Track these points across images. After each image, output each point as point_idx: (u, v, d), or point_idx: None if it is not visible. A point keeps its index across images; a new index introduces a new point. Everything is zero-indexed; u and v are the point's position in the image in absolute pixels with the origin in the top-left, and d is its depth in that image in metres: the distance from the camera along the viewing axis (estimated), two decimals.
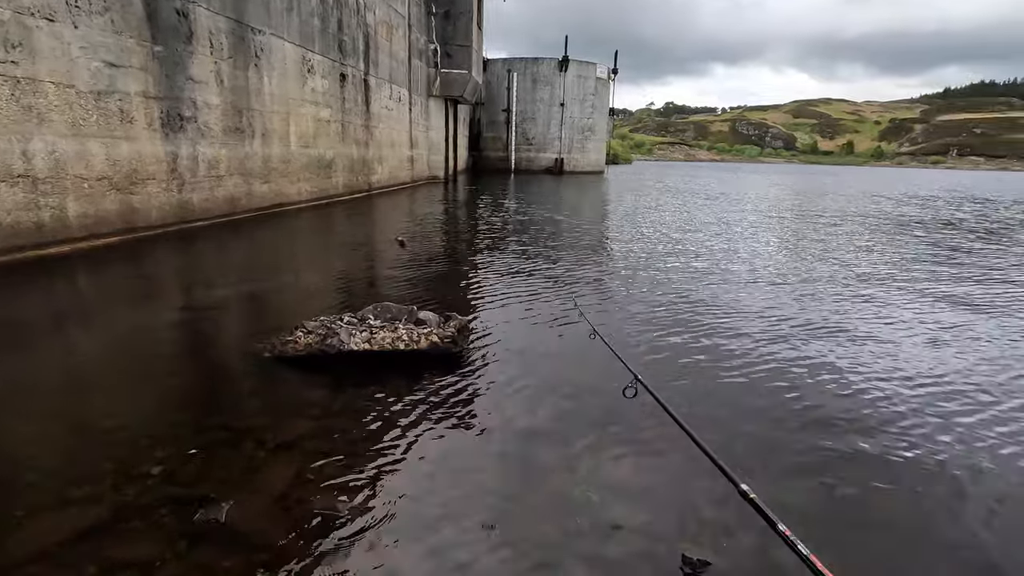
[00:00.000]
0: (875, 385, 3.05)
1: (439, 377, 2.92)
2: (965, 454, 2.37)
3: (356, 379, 2.86)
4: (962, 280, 5.91)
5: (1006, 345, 3.82)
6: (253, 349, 3.14)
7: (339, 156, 11.79)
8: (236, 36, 7.95)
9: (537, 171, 31.16)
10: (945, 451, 2.39)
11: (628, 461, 2.23)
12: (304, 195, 10.38)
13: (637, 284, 5.25)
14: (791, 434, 2.49)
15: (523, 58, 31.05)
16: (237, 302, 4.38)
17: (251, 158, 8.60)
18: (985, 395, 2.97)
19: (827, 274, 5.99)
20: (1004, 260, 7.29)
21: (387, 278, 5.36)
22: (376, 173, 14.14)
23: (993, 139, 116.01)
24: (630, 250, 7.19)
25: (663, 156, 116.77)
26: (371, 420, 2.46)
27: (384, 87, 14.30)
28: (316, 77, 10.45)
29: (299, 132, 9.99)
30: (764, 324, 4.09)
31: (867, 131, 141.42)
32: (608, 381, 2.93)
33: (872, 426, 2.59)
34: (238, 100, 8.14)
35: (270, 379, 2.85)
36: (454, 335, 3.13)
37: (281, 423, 2.40)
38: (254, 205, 8.79)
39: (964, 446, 2.43)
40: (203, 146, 7.47)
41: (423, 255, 6.49)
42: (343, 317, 3.22)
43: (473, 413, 2.57)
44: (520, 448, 2.29)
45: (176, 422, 2.39)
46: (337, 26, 11.19)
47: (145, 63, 6.34)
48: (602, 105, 33.13)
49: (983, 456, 2.35)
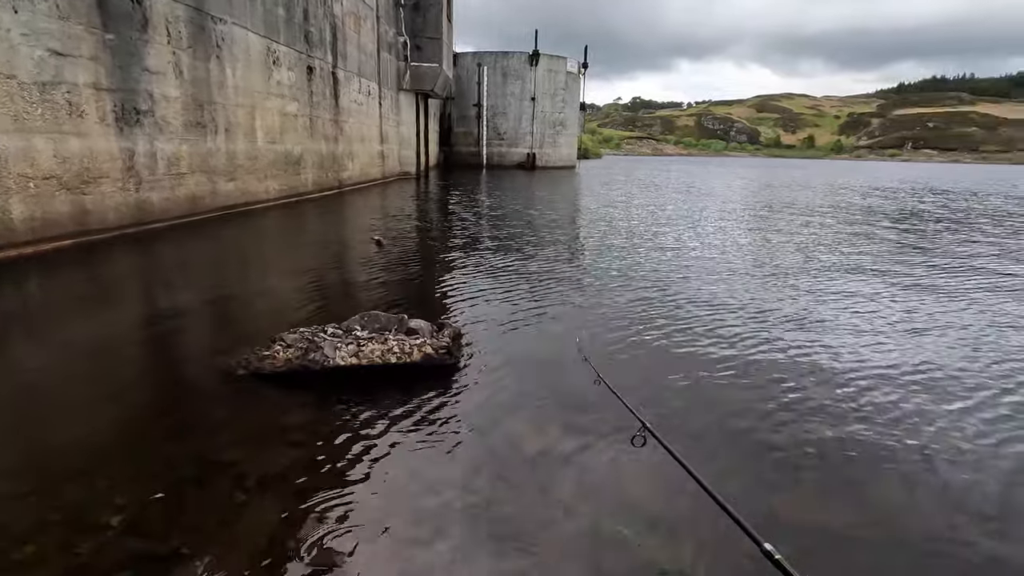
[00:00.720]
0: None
1: (436, 393, 2.67)
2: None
3: (344, 398, 2.58)
4: (936, 269, 5.92)
5: (985, 333, 3.77)
6: (225, 366, 2.83)
7: (308, 152, 11.32)
8: (196, 25, 7.47)
9: (509, 166, 30.88)
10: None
11: (636, 503, 2.02)
12: (272, 193, 9.92)
13: (619, 284, 5.07)
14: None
15: (493, 52, 30.66)
16: (204, 312, 4.03)
17: (215, 154, 8.13)
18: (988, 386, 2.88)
19: (798, 266, 5.92)
20: (972, 249, 7.39)
21: (366, 281, 5.06)
22: (347, 169, 13.68)
23: (945, 132, 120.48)
24: (609, 245, 7.02)
25: (631, 150, 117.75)
26: (364, 447, 2.20)
27: (353, 80, 13.83)
28: (282, 69, 9.98)
29: (265, 127, 9.52)
30: (753, 324, 3.95)
31: (827, 125, 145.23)
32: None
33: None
34: (199, 93, 7.66)
35: (246, 401, 2.55)
36: (449, 345, 2.88)
37: (262, 454, 2.12)
38: (219, 204, 8.32)
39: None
40: (162, 142, 6.99)
41: (402, 255, 6.19)
42: (326, 328, 2.94)
43: (478, 437, 2.33)
44: (534, 475, 2.06)
45: (139, 457, 2.08)
46: (303, 16, 10.71)
47: (96, 52, 5.86)
48: (573, 100, 32.99)
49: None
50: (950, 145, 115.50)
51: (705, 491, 1.61)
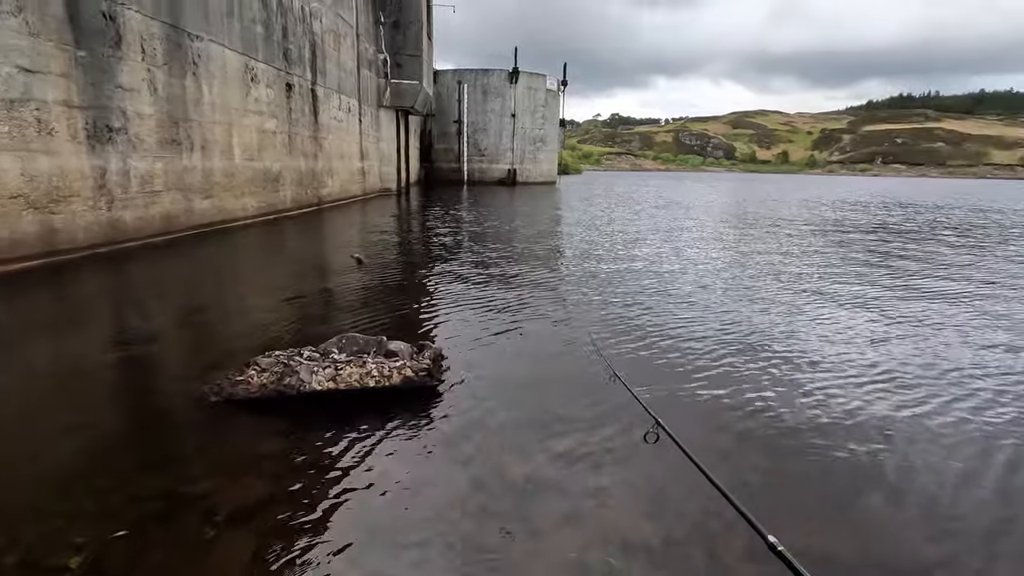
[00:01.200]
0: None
1: (416, 417, 2.60)
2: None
3: (320, 424, 2.50)
4: (915, 277, 6.03)
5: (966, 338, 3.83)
6: (197, 392, 2.73)
7: (287, 169, 11.22)
8: (172, 42, 7.38)
9: (490, 182, 30.98)
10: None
11: (640, 509, 1.98)
12: (250, 210, 9.78)
13: (601, 300, 5.06)
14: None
15: (473, 69, 30.90)
16: (176, 335, 3.91)
17: (190, 172, 8.00)
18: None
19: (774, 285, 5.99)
20: (945, 258, 7.55)
21: (346, 300, 4.98)
22: (326, 186, 13.58)
23: (912, 148, 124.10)
24: (589, 262, 7.02)
25: (611, 166, 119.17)
26: (341, 477, 2.12)
27: (333, 97, 13.79)
28: (260, 86, 9.91)
29: (243, 144, 9.42)
30: (743, 339, 3.96)
31: (800, 141, 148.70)
32: (600, 407, 2.69)
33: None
34: (175, 110, 7.55)
35: (218, 428, 2.45)
36: (429, 367, 2.82)
37: (233, 485, 2.03)
38: (195, 222, 8.17)
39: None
40: (135, 159, 6.86)
41: (382, 273, 6.12)
42: (303, 352, 2.86)
43: (460, 461, 2.27)
44: (522, 504, 1.99)
45: (101, 492, 1.97)
46: (282, 33, 10.67)
47: (67, 69, 5.74)
48: (553, 116, 33.33)
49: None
50: (918, 160, 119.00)
51: (716, 487, 1.60)
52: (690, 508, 1.98)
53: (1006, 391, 3.13)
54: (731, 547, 1.77)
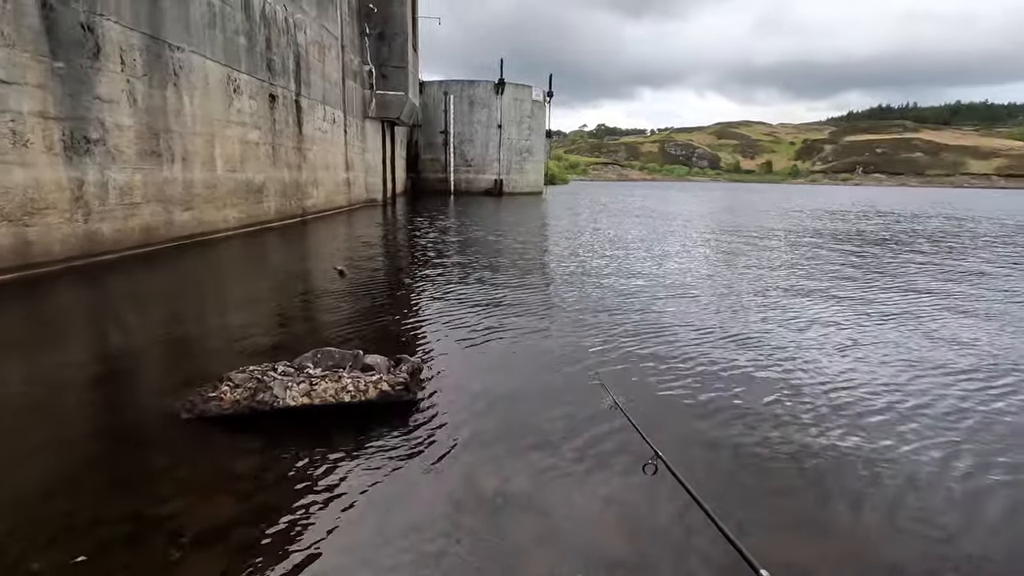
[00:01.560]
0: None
1: (392, 432, 2.58)
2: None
3: (294, 440, 2.47)
4: (898, 283, 6.13)
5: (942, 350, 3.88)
6: (168, 408, 2.68)
7: (270, 180, 11.15)
8: (152, 53, 7.34)
9: (477, 192, 31.04)
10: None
11: (624, 534, 1.97)
12: (232, 222, 9.69)
13: (585, 312, 5.07)
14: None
15: (459, 80, 31.05)
16: (151, 350, 3.85)
17: (171, 183, 7.92)
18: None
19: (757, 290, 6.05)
20: (920, 267, 7.68)
21: (327, 315, 4.94)
22: (311, 197, 13.51)
23: (892, 158, 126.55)
24: (574, 274, 7.05)
25: (598, 176, 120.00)
26: (314, 493, 2.09)
27: (317, 108, 13.76)
28: (243, 97, 9.86)
29: (225, 155, 9.35)
30: (725, 352, 3.98)
31: (783, 151, 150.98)
32: (581, 418, 2.68)
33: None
34: (154, 121, 7.49)
35: (188, 446, 2.41)
36: (406, 381, 2.80)
37: (202, 505, 1.99)
38: (175, 234, 8.08)
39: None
40: (114, 171, 6.78)
41: (365, 285, 6.08)
42: (277, 367, 2.82)
43: (435, 477, 2.24)
44: (498, 524, 1.98)
45: (64, 515, 1.93)
46: (265, 45, 10.65)
47: (43, 80, 5.68)
48: (539, 127, 33.54)
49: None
50: (897, 170, 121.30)
51: (711, 519, 1.57)
52: (677, 531, 1.98)
53: (994, 400, 3.18)
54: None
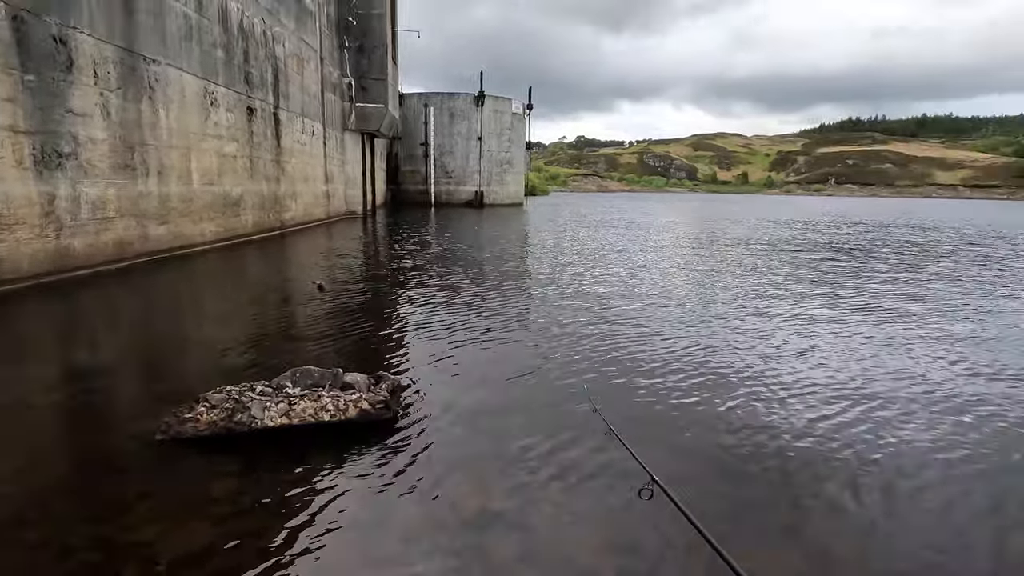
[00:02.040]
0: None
1: (372, 451, 2.56)
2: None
3: (272, 461, 2.44)
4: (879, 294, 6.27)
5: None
6: (142, 430, 2.63)
7: (248, 193, 11.04)
8: (126, 66, 7.25)
9: (457, 204, 31.08)
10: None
11: (611, 553, 1.98)
12: (208, 236, 9.56)
13: (567, 325, 5.10)
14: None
15: (439, 93, 31.18)
16: (123, 369, 3.77)
17: (145, 197, 7.80)
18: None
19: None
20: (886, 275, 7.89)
21: (305, 331, 4.89)
22: (289, 210, 13.40)
23: (863, 169, 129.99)
24: (556, 287, 7.09)
25: (577, 187, 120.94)
26: (293, 516, 2.06)
27: (296, 121, 13.70)
28: (220, 110, 9.77)
29: (202, 168, 9.24)
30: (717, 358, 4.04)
31: (758, 162, 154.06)
32: (567, 433, 2.69)
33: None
34: (129, 135, 7.38)
35: (163, 470, 2.36)
36: (386, 399, 2.78)
37: (176, 531, 1.95)
38: (150, 249, 7.94)
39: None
40: (87, 185, 6.65)
41: (344, 300, 6.04)
42: (255, 386, 2.79)
43: (416, 497, 2.23)
44: (482, 544, 1.97)
45: (30, 543, 1.87)
46: (243, 57, 10.59)
47: (13, 94, 5.57)
48: (519, 139, 33.78)
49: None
50: (868, 180, 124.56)
51: (715, 551, 1.57)
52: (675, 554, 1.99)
53: (973, 412, 3.27)
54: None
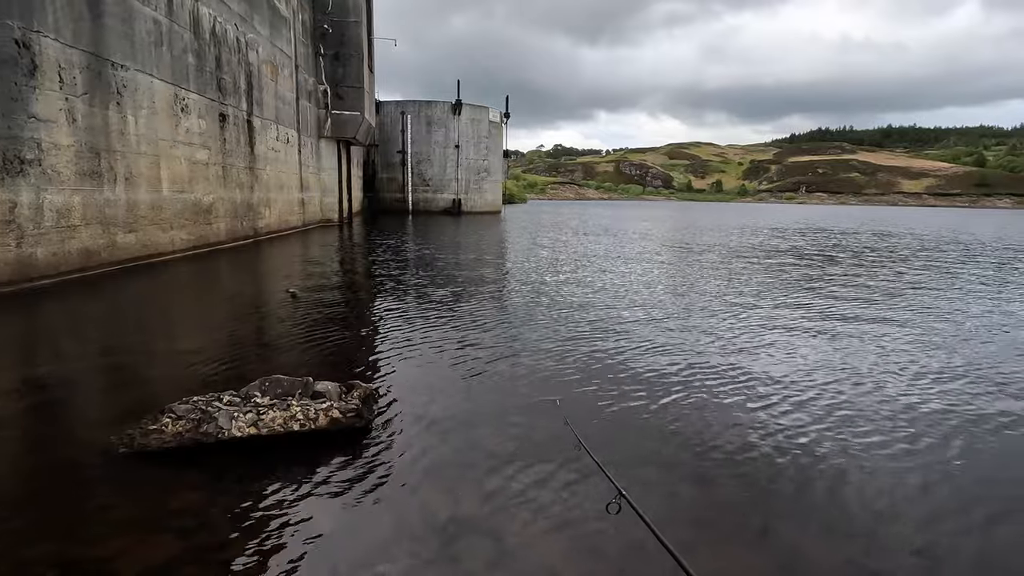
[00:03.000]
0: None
1: (343, 461, 2.53)
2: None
3: (240, 473, 2.39)
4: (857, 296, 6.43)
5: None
6: (105, 443, 2.56)
7: (220, 200, 10.86)
8: (93, 71, 7.10)
9: (435, 212, 31.03)
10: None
11: (580, 561, 1.99)
12: (179, 244, 9.38)
13: (543, 332, 5.12)
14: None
15: (416, 101, 31.17)
16: (85, 381, 3.67)
17: (113, 205, 7.62)
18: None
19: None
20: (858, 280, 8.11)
21: (278, 340, 4.82)
22: (263, 218, 13.22)
23: (832, 178, 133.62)
24: (534, 294, 7.12)
25: (555, 195, 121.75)
26: (261, 528, 2.03)
27: (271, 128, 13.55)
28: (192, 117, 9.62)
29: (172, 176, 9.08)
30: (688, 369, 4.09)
31: (732, 171, 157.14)
32: (539, 440, 2.70)
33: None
34: (96, 141, 7.22)
35: (126, 484, 2.30)
36: (358, 407, 2.76)
37: (139, 546, 1.90)
38: (117, 257, 7.76)
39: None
40: (51, 193, 6.48)
41: (318, 308, 5.97)
42: (222, 396, 2.74)
43: (387, 507, 2.21)
44: (453, 553, 1.96)
45: None
46: (215, 64, 10.45)
47: None
48: (496, 147, 33.92)
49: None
50: (837, 189, 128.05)
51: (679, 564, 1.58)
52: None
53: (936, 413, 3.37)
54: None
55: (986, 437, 3.00)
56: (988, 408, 3.40)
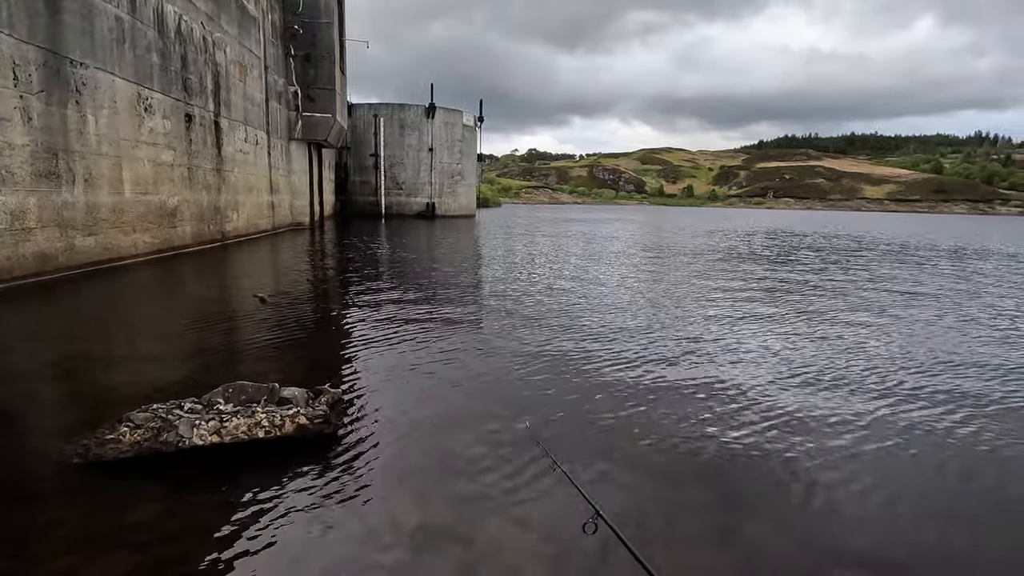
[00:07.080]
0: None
1: (309, 468, 2.47)
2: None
3: (202, 483, 2.32)
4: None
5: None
6: (58, 453, 2.46)
7: (186, 203, 10.58)
8: (50, 69, 6.85)
9: (409, 215, 30.79)
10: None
11: (549, 566, 1.97)
12: (142, 247, 9.10)
13: (517, 338, 5.12)
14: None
15: (389, 103, 30.90)
16: (38, 389, 3.52)
17: (71, 207, 7.35)
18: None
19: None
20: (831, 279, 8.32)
21: (244, 346, 4.70)
22: (231, 221, 12.93)
23: (799, 183, 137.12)
24: (506, 299, 7.11)
25: (529, 199, 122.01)
26: (222, 540, 1.96)
27: (239, 129, 13.27)
28: (156, 117, 9.36)
29: (135, 177, 8.81)
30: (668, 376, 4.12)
31: (703, 176, 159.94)
32: (507, 444, 2.68)
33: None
34: (53, 141, 6.96)
35: (80, 495, 2.21)
36: (325, 414, 2.70)
37: (92, 562, 1.82)
38: (76, 262, 7.48)
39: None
40: (4, 194, 6.23)
41: (287, 313, 5.85)
42: (183, 404, 2.65)
43: (354, 515, 2.16)
44: (420, 560, 1.93)
45: None
46: (181, 63, 10.19)
47: None
48: (470, 151, 33.84)
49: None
50: (803, 194, 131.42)
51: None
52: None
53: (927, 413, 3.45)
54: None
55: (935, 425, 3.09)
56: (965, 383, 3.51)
